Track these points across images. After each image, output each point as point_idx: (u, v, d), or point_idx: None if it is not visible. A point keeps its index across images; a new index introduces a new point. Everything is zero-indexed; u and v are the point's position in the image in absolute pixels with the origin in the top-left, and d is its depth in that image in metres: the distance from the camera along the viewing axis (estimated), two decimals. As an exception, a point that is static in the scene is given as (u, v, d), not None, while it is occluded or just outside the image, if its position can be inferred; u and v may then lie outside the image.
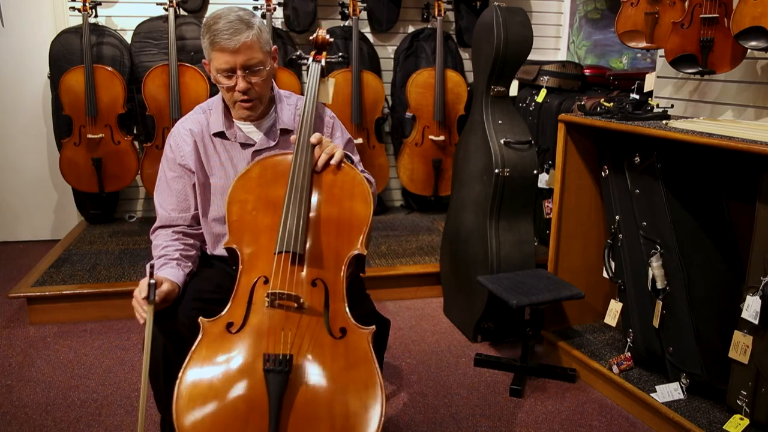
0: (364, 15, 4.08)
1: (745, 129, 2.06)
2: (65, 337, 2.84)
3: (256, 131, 1.81)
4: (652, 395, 2.22)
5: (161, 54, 3.78)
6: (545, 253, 2.75)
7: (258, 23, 1.69)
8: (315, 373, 1.40)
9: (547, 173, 3.25)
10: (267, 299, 1.47)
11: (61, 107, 3.64)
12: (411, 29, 4.24)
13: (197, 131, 1.81)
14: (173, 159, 1.81)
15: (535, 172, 2.72)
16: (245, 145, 1.81)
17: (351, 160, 1.77)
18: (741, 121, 2.38)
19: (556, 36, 4.46)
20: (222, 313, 1.50)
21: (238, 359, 1.41)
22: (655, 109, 2.41)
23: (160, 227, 1.82)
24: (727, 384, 2.05)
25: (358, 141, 3.83)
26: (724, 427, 2.00)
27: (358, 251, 1.58)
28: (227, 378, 1.38)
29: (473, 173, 2.82)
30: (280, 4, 3.87)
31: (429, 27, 4.18)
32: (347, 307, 1.51)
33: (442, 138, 4.01)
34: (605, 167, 2.50)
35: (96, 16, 3.73)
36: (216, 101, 1.83)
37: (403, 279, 3.29)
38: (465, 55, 4.25)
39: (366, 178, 1.72)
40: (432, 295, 3.33)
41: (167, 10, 3.65)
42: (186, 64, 3.64)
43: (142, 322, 1.53)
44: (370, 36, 4.18)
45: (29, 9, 3.88)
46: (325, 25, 4.12)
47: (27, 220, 4.19)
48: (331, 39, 1.94)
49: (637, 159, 2.32)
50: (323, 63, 1.89)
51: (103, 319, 3.01)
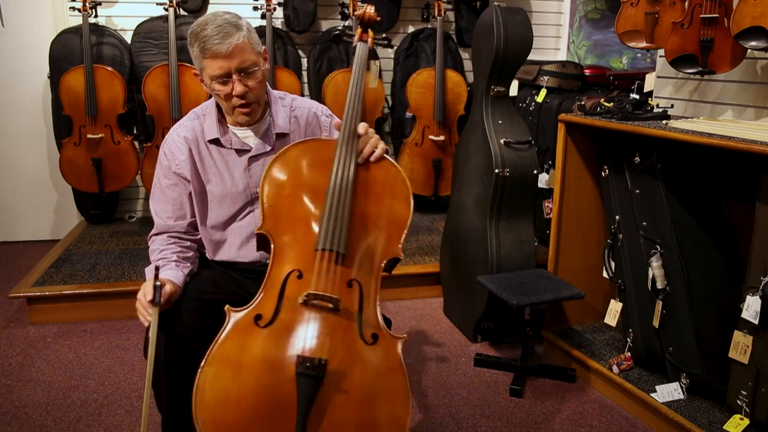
0: (364, 15, 4.08)
1: (745, 129, 2.06)
2: (65, 337, 2.84)
3: (251, 136, 1.79)
4: (652, 395, 2.22)
5: (161, 54, 3.78)
6: (545, 253, 2.75)
7: (246, 25, 1.66)
8: (346, 380, 1.34)
9: (547, 173, 3.25)
10: (303, 297, 1.40)
11: (61, 107, 3.63)
12: (411, 29, 4.24)
13: (192, 138, 1.77)
14: (168, 167, 1.78)
15: (535, 172, 2.72)
16: (241, 152, 1.78)
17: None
18: (741, 121, 2.38)
19: (556, 36, 4.46)
20: (251, 304, 1.42)
21: (266, 357, 1.34)
22: (655, 109, 2.41)
23: (155, 234, 1.80)
24: (727, 384, 2.05)
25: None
26: (724, 427, 2.00)
27: (395, 254, 1.53)
28: (253, 375, 1.32)
29: (473, 173, 2.82)
30: (280, 4, 3.87)
31: (429, 27, 4.18)
32: (379, 312, 1.46)
33: (442, 138, 4.01)
34: (605, 167, 2.50)
35: (96, 16, 3.73)
36: (209, 106, 1.80)
37: (403, 279, 3.29)
38: (465, 55, 4.25)
39: None
40: (432, 295, 3.33)
41: (167, 10, 3.65)
42: (186, 64, 3.64)
43: (146, 324, 1.53)
44: (370, 36, 4.17)
45: (29, 9, 3.88)
46: (325, 25, 4.12)
47: (27, 220, 4.19)
48: (378, 17, 1.83)
49: (637, 159, 2.32)
50: (369, 43, 1.78)
51: (103, 319, 3.01)
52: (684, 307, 2.18)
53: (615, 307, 2.45)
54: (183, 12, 3.86)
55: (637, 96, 2.42)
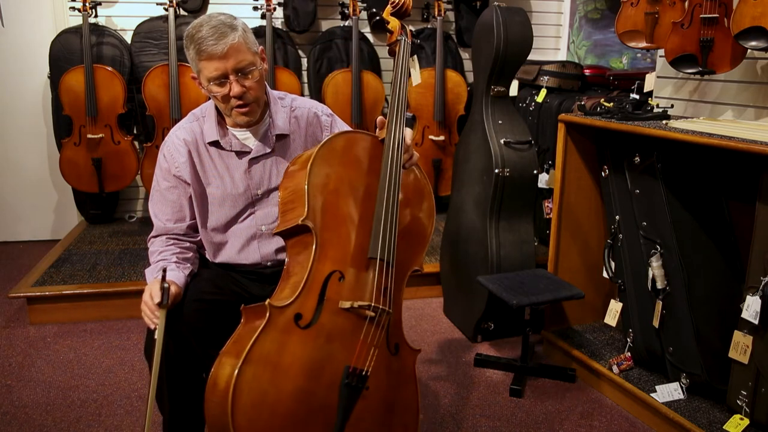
0: (364, 15, 4.08)
1: (745, 129, 2.06)
2: (65, 337, 2.84)
3: (251, 137, 1.77)
4: (652, 395, 2.22)
5: (161, 54, 3.78)
6: (545, 253, 2.75)
7: (241, 25, 1.65)
8: (376, 390, 1.36)
9: (547, 173, 3.25)
10: (349, 303, 1.38)
11: (61, 107, 3.63)
12: (411, 29, 4.23)
13: (191, 140, 1.76)
14: (167, 169, 1.77)
15: (535, 172, 2.72)
16: (241, 154, 1.77)
17: None
18: (741, 121, 2.38)
19: (556, 36, 4.46)
20: (290, 301, 1.38)
21: (306, 361, 1.33)
22: (655, 109, 2.41)
23: (155, 236, 1.80)
24: (727, 384, 2.05)
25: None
26: (724, 427, 2.00)
27: (419, 265, 1.53)
28: (292, 379, 1.30)
29: (473, 173, 2.82)
30: (280, 4, 3.87)
31: (429, 27, 4.18)
32: (401, 323, 1.47)
33: (442, 138, 4.01)
34: (605, 167, 2.50)
35: (96, 16, 3.73)
36: (209, 108, 1.79)
37: (403, 279, 3.29)
38: (465, 55, 4.25)
39: None
40: (432, 295, 3.32)
41: (167, 10, 3.65)
42: (186, 64, 3.64)
43: (153, 327, 1.53)
44: (370, 36, 4.17)
45: (29, 9, 3.88)
46: (325, 25, 4.12)
47: (27, 220, 4.19)
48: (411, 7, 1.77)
49: (637, 159, 2.32)
50: (410, 40, 1.75)
51: (103, 319, 3.01)
52: (684, 307, 2.18)
53: (615, 307, 2.45)
54: (183, 12, 3.86)
55: (637, 96, 2.42)
